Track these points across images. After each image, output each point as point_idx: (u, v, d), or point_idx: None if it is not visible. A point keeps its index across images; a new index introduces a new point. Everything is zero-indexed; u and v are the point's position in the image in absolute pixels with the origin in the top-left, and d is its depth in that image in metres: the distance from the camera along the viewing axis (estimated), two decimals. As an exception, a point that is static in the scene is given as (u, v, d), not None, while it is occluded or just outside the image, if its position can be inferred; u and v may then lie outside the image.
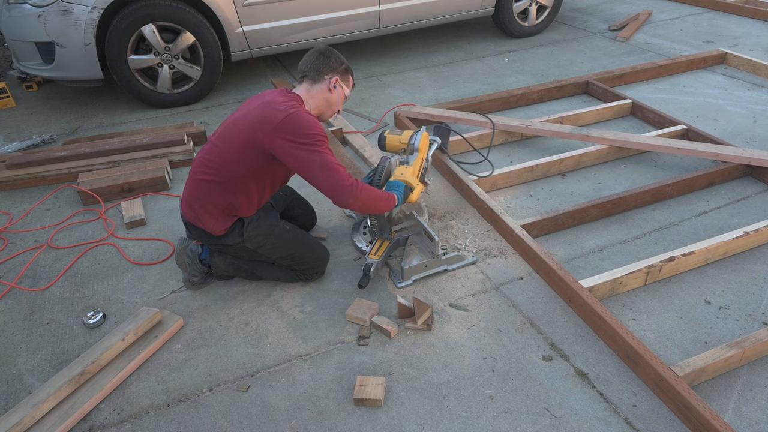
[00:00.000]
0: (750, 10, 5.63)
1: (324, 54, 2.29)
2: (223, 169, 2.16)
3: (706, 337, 2.17)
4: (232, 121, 2.21)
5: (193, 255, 2.38)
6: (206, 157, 2.22)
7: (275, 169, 2.22)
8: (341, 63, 2.32)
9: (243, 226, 2.27)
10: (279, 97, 2.17)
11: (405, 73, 4.72)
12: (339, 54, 2.32)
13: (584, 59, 4.83)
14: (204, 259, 2.39)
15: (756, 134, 3.54)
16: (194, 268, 2.39)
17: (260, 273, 2.44)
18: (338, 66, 2.30)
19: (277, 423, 1.89)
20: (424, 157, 2.62)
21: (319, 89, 2.27)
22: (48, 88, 4.66)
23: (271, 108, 2.11)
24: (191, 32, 3.88)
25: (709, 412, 1.74)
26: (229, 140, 2.17)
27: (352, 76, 2.40)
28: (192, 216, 2.27)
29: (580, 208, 2.76)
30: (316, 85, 2.27)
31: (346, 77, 2.35)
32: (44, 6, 3.59)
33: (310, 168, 2.08)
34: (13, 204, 3.16)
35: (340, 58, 2.32)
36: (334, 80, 2.28)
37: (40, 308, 2.42)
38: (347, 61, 2.37)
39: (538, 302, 2.34)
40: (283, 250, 2.35)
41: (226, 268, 2.42)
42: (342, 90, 2.34)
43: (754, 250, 2.59)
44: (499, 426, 1.85)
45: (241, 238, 2.28)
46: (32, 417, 1.86)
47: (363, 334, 2.21)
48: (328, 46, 2.33)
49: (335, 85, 2.29)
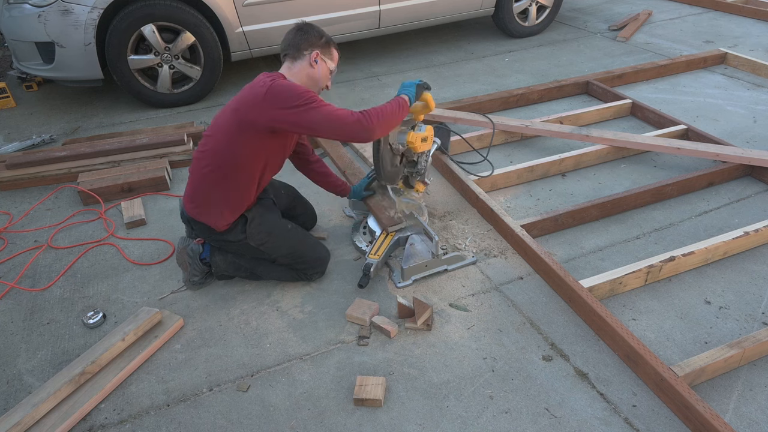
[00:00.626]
0: (750, 10, 5.63)
1: (301, 29, 2.25)
2: (219, 156, 2.16)
3: (706, 337, 2.17)
4: (221, 112, 2.23)
5: (194, 254, 2.37)
6: (201, 149, 2.23)
7: (270, 147, 2.20)
8: (320, 36, 2.26)
9: (246, 223, 2.27)
10: (260, 78, 2.16)
11: (405, 73, 4.72)
12: (318, 27, 2.27)
13: (584, 59, 4.83)
14: (205, 258, 2.39)
15: (756, 134, 3.54)
16: (195, 267, 2.38)
17: (261, 272, 2.43)
18: (317, 40, 2.24)
19: (277, 423, 1.89)
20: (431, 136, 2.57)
21: (300, 66, 2.23)
22: (48, 88, 4.66)
23: (253, 88, 2.12)
24: (191, 32, 3.89)
25: (709, 412, 1.74)
26: (221, 127, 2.17)
27: (335, 48, 2.32)
28: (195, 211, 2.26)
29: (580, 208, 2.76)
30: (296, 62, 2.23)
31: (327, 50, 2.29)
32: (44, 6, 3.59)
33: (314, 125, 2.07)
34: (13, 204, 3.16)
35: (318, 32, 2.26)
36: (314, 54, 2.22)
37: (40, 308, 2.42)
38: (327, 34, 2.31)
39: (538, 302, 2.34)
40: (284, 248, 2.35)
41: (227, 267, 2.41)
42: (325, 64, 2.28)
43: (754, 250, 2.59)
44: (499, 426, 1.85)
45: (243, 235, 2.28)
46: (32, 417, 1.86)
47: (363, 334, 2.21)
48: (306, 21, 2.30)
49: (316, 59, 2.23)
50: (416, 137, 2.48)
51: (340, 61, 4.91)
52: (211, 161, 2.18)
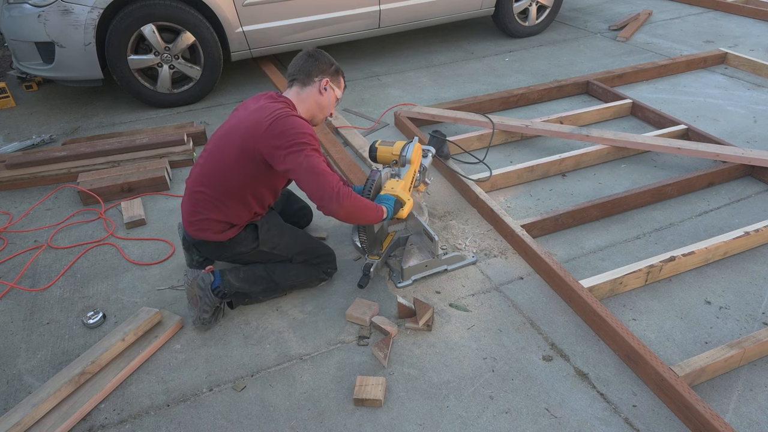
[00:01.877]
0: (750, 10, 5.63)
1: (312, 56, 2.24)
2: (221, 182, 2.12)
3: (707, 337, 2.17)
4: (224, 133, 2.17)
5: (206, 284, 2.19)
6: (201, 172, 2.18)
7: (273, 176, 2.17)
8: (330, 64, 2.27)
9: (256, 229, 2.26)
10: (268, 102, 2.12)
11: (405, 73, 4.72)
12: (328, 55, 2.28)
13: (584, 59, 4.83)
14: (216, 288, 2.22)
15: (756, 134, 3.53)
16: (206, 300, 2.19)
17: (278, 276, 2.31)
18: (328, 68, 2.25)
19: (277, 423, 1.89)
20: (417, 169, 2.53)
21: (309, 92, 2.22)
22: (48, 88, 4.66)
23: (259, 114, 2.07)
24: (191, 32, 3.88)
25: (709, 412, 1.74)
26: (223, 152, 2.13)
27: (342, 77, 2.35)
28: (196, 233, 2.20)
29: (580, 208, 2.76)
30: (306, 88, 2.23)
31: (336, 78, 2.30)
32: (44, 6, 3.59)
33: (297, 170, 2.01)
34: (13, 204, 3.16)
35: (329, 60, 2.27)
36: (324, 82, 2.23)
37: (40, 308, 2.42)
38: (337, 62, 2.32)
39: (538, 302, 2.34)
40: (297, 245, 2.35)
41: (241, 285, 2.26)
42: (333, 92, 2.28)
43: (754, 250, 2.59)
44: (499, 426, 1.85)
45: (256, 242, 2.26)
46: (32, 417, 1.86)
47: (363, 334, 2.21)
48: (317, 48, 2.29)
49: (326, 87, 2.23)
50: (396, 185, 2.38)
51: (341, 61, 4.93)
52: (211, 185, 2.14)
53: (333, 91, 2.29)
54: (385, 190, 2.36)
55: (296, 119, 2.06)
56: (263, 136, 2.03)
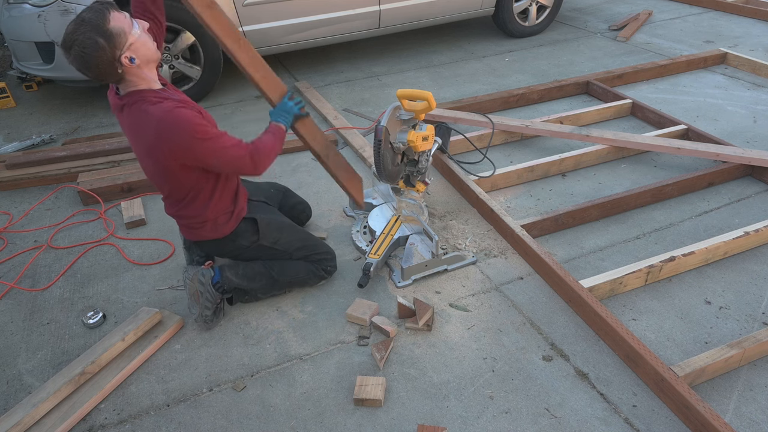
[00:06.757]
0: (750, 10, 5.63)
1: (82, 56, 1.77)
2: (174, 194, 2.09)
3: (707, 337, 2.17)
4: (139, 155, 2.03)
5: (206, 279, 2.19)
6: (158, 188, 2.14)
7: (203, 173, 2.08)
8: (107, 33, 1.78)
9: (256, 223, 2.26)
10: (141, 106, 1.90)
11: (405, 73, 4.71)
12: (87, 23, 1.76)
13: (584, 59, 4.83)
14: (217, 283, 2.22)
15: (756, 134, 3.53)
16: (207, 296, 2.18)
17: (277, 272, 2.31)
18: (107, 45, 1.77)
19: (277, 423, 1.89)
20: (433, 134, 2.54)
21: (131, 75, 1.88)
22: (48, 88, 4.66)
23: (144, 125, 1.90)
24: (191, 32, 3.88)
25: (709, 413, 1.74)
26: (151, 171, 2.05)
27: (116, 11, 1.82)
28: (192, 235, 2.21)
29: (580, 208, 2.76)
30: (125, 78, 1.88)
31: (120, 35, 1.79)
32: (44, 6, 3.59)
33: (206, 162, 1.95)
34: (13, 204, 3.16)
35: (97, 30, 1.76)
36: (123, 57, 1.81)
37: (40, 308, 2.42)
38: None
39: (538, 302, 2.34)
40: (297, 241, 2.35)
41: (240, 281, 2.26)
42: (135, 42, 1.83)
43: (754, 250, 2.59)
44: (499, 426, 1.85)
45: (256, 236, 2.26)
46: (32, 417, 1.86)
47: (363, 334, 2.21)
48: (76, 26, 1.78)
49: (129, 58, 1.82)
50: (417, 136, 2.47)
51: (341, 61, 4.93)
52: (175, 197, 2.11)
53: (132, 43, 1.82)
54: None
55: (170, 116, 1.85)
56: (162, 150, 1.90)
